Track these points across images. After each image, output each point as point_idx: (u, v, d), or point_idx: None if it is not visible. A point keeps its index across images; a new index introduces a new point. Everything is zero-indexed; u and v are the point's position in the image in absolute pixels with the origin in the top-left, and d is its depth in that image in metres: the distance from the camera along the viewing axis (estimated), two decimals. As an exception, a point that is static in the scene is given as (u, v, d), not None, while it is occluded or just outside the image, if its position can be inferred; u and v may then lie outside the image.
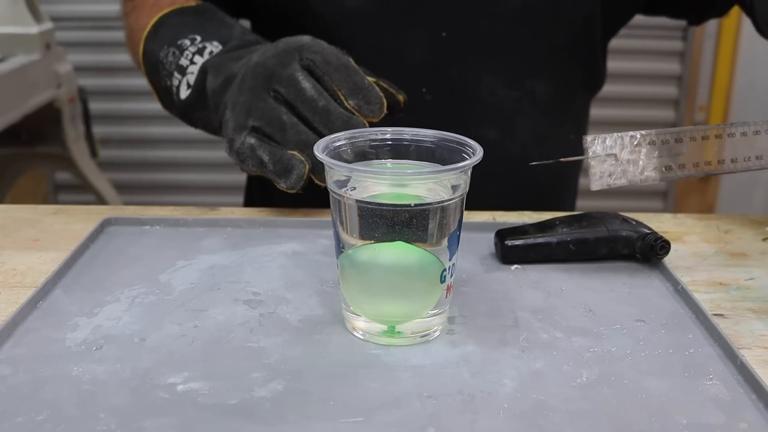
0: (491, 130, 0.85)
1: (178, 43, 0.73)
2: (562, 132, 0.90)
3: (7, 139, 1.77)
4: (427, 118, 0.83)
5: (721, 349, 0.51)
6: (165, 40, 0.75)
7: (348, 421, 0.44)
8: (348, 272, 0.51)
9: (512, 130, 0.86)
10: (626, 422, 0.44)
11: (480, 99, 0.84)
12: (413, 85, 0.83)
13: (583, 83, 0.91)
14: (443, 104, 0.84)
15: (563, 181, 0.95)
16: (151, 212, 0.73)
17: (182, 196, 2.42)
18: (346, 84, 0.64)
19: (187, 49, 0.72)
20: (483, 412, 0.45)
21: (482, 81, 0.84)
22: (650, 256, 0.63)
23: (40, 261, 0.64)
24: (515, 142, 0.86)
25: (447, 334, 0.53)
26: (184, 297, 0.57)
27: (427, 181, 0.50)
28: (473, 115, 0.84)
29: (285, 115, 0.64)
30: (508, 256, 0.64)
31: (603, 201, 2.30)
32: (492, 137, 0.85)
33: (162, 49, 0.75)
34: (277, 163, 0.63)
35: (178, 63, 0.73)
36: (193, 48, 0.72)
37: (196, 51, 0.72)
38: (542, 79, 0.85)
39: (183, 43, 0.73)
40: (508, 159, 0.85)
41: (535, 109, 0.86)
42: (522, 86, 0.85)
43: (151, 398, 0.45)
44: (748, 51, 2.28)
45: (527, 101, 0.85)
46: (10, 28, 1.75)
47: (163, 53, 0.74)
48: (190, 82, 0.72)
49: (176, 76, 0.73)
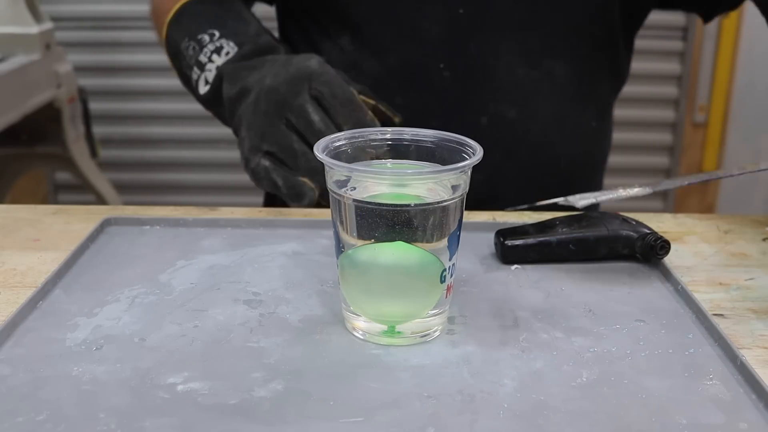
0: (510, 109, 0.85)
1: (198, 38, 0.79)
2: (583, 117, 0.90)
3: (7, 139, 1.77)
4: (445, 94, 0.83)
5: (721, 349, 0.51)
6: (186, 31, 0.81)
7: (348, 421, 0.44)
8: (348, 272, 0.51)
9: (532, 111, 0.86)
10: (626, 422, 0.44)
11: (498, 77, 0.84)
12: (431, 60, 0.83)
13: (603, 70, 0.91)
14: (461, 81, 0.84)
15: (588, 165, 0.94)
16: (151, 212, 0.73)
17: (182, 196, 2.42)
18: (350, 120, 0.70)
19: (206, 46, 0.78)
20: (483, 412, 0.45)
21: (500, 59, 0.84)
22: (650, 256, 0.63)
23: (40, 261, 0.64)
24: (535, 123, 0.86)
25: (447, 334, 0.53)
26: (184, 297, 0.57)
27: (427, 181, 0.50)
28: (491, 93, 0.85)
29: (296, 143, 0.70)
30: (508, 256, 0.64)
31: (603, 201, 2.30)
32: (511, 116, 0.85)
33: (183, 40, 0.81)
34: (290, 188, 0.70)
35: (198, 59, 0.79)
36: (211, 46, 0.78)
37: (213, 50, 0.78)
38: (561, 60, 0.85)
39: (202, 38, 0.79)
40: (528, 139, 0.85)
41: (554, 90, 0.86)
42: (540, 66, 0.85)
43: (151, 398, 0.45)
44: (748, 51, 2.28)
45: (546, 82, 0.85)
46: (10, 28, 1.75)
47: (184, 45, 0.80)
48: (208, 80, 0.78)
49: (196, 70, 0.79)
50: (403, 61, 0.84)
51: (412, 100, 0.84)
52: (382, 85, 0.83)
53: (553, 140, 0.88)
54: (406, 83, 0.85)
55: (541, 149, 0.86)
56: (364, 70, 0.85)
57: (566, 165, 0.90)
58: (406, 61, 0.84)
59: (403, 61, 0.84)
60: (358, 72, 0.84)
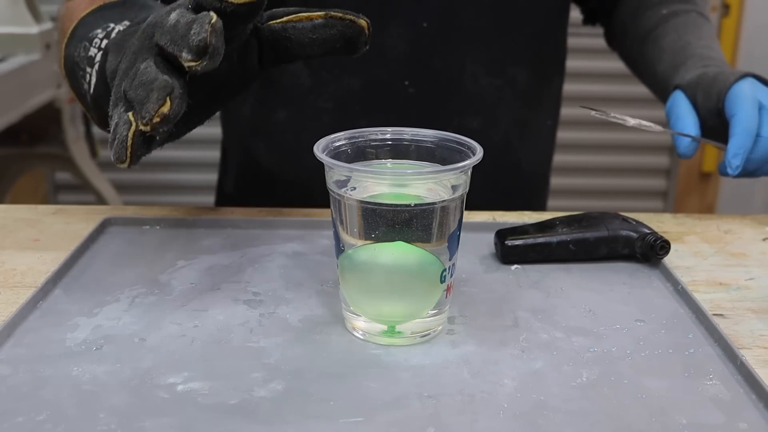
0: (474, 120, 0.85)
1: (89, 35, 0.62)
2: (539, 118, 0.91)
3: (7, 139, 1.77)
4: (410, 110, 0.82)
5: (721, 349, 0.51)
6: (80, 38, 0.64)
7: (348, 421, 0.44)
8: (348, 272, 0.51)
9: (494, 119, 0.86)
10: (626, 422, 0.44)
11: (463, 89, 0.84)
12: (396, 78, 0.82)
13: (556, 67, 0.92)
14: (426, 96, 0.84)
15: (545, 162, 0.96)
16: (151, 212, 0.73)
17: (182, 196, 2.41)
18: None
19: (97, 37, 0.61)
20: (483, 412, 0.45)
21: (465, 70, 0.84)
22: (650, 256, 0.63)
23: (40, 261, 0.63)
24: (497, 130, 0.87)
25: (447, 334, 0.53)
26: (184, 297, 0.57)
27: (427, 181, 0.50)
28: (456, 106, 0.85)
29: (143, 62, 0.50)
30: (508, 256, 0.64)
31: (603, 201, 2.31)
32: (475, 126, 0.85)
33: (76, 48, 0.63)
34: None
35: (88, 55, 0.61)
36: (102, 34, 0.61)
37: (104, 36, 0.60)
38: (522, 66, 0.86)
39: (94, 32, 0.62)
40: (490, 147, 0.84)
41: (515, 96, 0.87)
42: (504, 74, 0.85)
43: (151, 398, 0.45)
44: (748, 51, 2.28)
45: (508, 89, 0.86)
46: (10, 28, 1.75)
47: (77, 52, 0.63)
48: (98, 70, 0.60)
49: (87, 70, 0.61)
50: (366, 81, 0.82)
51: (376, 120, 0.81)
52: (344, 108, 0.82)
53: (514, 144, 0.89)
54: (370, 104, 0.83)
55: (503, 154, 0.87)
56: (324, 94, 0.83)
57: (527, 166, 0.91)
58: (370, 82, 0.82)
59: (366, 81, 0.82)
60: (317, 96, 0.82)
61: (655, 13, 0.87)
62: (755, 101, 0.72)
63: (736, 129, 0.71)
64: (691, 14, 0.86)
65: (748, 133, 0.71)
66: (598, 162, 2.34)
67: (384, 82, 0.78)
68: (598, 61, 2.06)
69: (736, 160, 0.71)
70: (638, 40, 0.89)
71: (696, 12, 0.86)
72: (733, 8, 2.22)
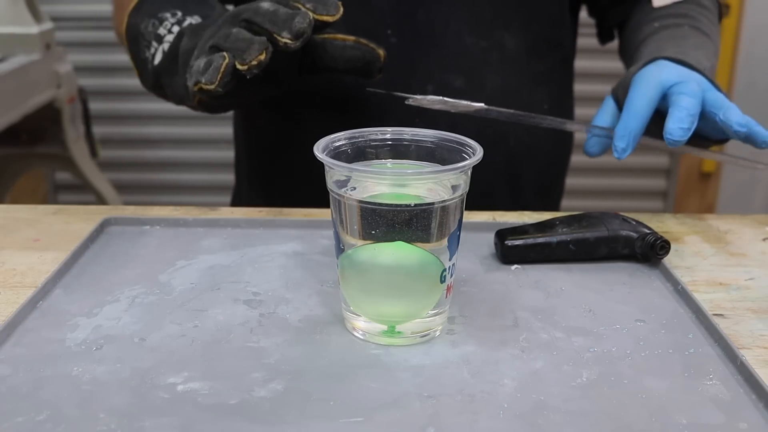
0: (457, 78, 0.84)
1: (159, 15, 0.75)
2: (534, 96, 0.89)
3: (7, 139, 1.77)
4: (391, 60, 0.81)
5: (721, 349, 0.51)
6: (147, 13, 0.76)
7: (348, 421, 0.44)
8: (348, 272, 0.51)
9: (479, 81, 0.85)
10: (626, 422, 0.44)
11: (446, 45, 0.84)
12: (378, 26, 0.82)
13: (554, 53, 0.91)
14: (408, 47, 0.83)
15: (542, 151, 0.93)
16: (151, 212, 0.73)
17: (182, 196, 2.41)
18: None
19: (167, 20, 0.74)
20: (483, 412, 0.45)
21: (449, 26, 0.83)
22: (650, 256, 0.63)
23: (40, 261, 0.64)
24: (481, 94, 0.85)
25: (447, 334, 0.53)
26: (184, 297, 0.57)
27: (427, 181, 0.50)
28: (439, 61, 0.84)
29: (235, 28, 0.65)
30: (508, 256, 0.64)
31: (603, 201, 2.31)
32: (457, 85, 0.84)
33: (143, 21, 0.76)
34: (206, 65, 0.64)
35: (157, 32, 0.74)
36: (173, 20, 0.74)
37: (175, 22, 0.73)
38: (510, 31, 0.85)
39: (164, 15, 0.74)
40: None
41: (504, 63, 0.85)
42: (491, 36, 0.84)
43: (151, 398, 0.45)
44: (748, 51, 2.27)
45: (495, 52, 0.85)
46: (10, 28, 1.75)
47: (143, 25, 0.76)
48: (165, 49, 0.73)
49: (153, 44, 0.74)
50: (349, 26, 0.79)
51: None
52: None
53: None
54: None
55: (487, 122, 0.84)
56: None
57: (515, 143, 0.88)
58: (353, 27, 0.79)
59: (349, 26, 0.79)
60: None
61: (648, 27, 0.87)
62: (654, 81, 0.69)
63: (624, 111, 0.69)
64: (682, 27, 0.85)
65: (635, 114, 0.68)
66: (598, 162, 2.32)
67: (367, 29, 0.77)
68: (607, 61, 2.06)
69: (621, 143, 0.68)
70: (629, 52, 0.88)
71: (689, 26, 0.85)
72: (733, 8, 2.21)
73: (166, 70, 0.73)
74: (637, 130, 0.68)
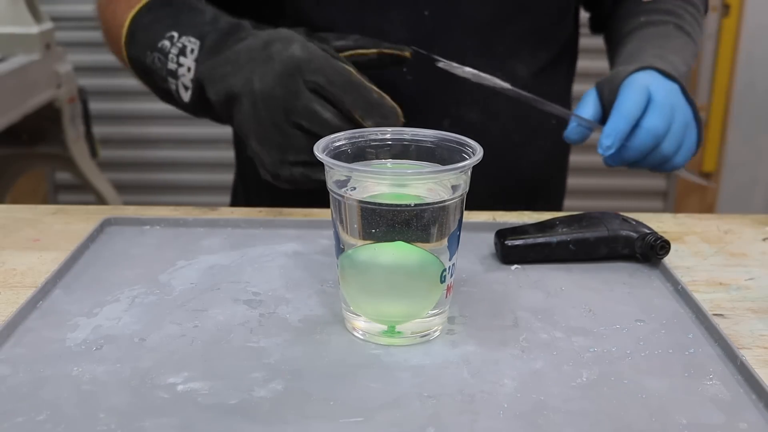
0: (471, 111, 0.85)
1: (158, 47, 0.74)
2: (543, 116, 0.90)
3: (7, 139, 1.77)
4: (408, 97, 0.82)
5: (721, 349, 0.51)
6: (145, 44, 0.76)
7: (348, 421, 0.44)
8: (348, 272, 0.51)
9: (493, 112, 0.86)
10: (626, 422, 0.44)
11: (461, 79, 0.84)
12: None
13: (561, 67, 0.92)
14: (424, 84, 0.84)
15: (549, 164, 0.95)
16: (151, 212, 0.73)
17: (182, 196, 2.41)
18: (359, 104, 0.66)
19: (170, 51, 0.74)
20: (483, 412, 0.45)
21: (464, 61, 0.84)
22: (650, 256, 0.63)
23: (40, 261, 0.63)
24: (496, 124, 0.87)
25: (447, 334, 0.53)
26: (184, 297, 0.57)
27: (427, 181, 0.50)
28: (454, 96, 0.85)
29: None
30: (508, 256, 0.64)
31: (603, 201, 2.31)
32: (473, 118, 0.85)
33: (146, 55, 0.76)
34: None
35: (168, 68, 0.74)
36: (174, 50, 0.73)
37: (177, 53, 0.73)
38: (523, 61, 0.86)
39: (163, 45, 0.74)
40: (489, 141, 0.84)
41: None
42: (503, 66, 0.85)
43: (151, 398, 0.45)
44: (748, 51, 2.27)
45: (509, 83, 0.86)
46: (10, 28, 1.75)
47: (149, 60, 0.76)
48: (186, 85, 0.73)
49: (171, 81, 0.75)
50: None
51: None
52: None
53: (514, 140, 0.88)
54: None
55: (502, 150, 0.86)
56: None
57: (527, 165, 0.91)
58: None
59: None
60: None
61: (634, 21, 0.88)
62: (644, 90, 0.73)
63: (614, 111, 0.72)
64: (668, 25, 0.86)
65: (624, 117, 0.71)
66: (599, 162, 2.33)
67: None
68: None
69: (607, 141, 0.71)
70: (613, 44, 0.90)
71: (674, 24, 0.86)
72: (733, 8, 2.21)
73: (199, 107, 0.74)
74: (624, 132, 0.71)
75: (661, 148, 0.74)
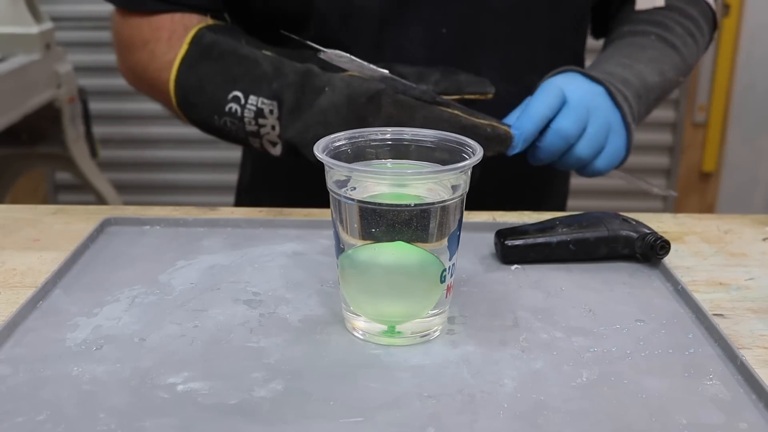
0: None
1: (226, 111, 0.73)
2: None
3: (7, 139, 1.77)
4: None
5: (721, 349, 0.51)
6: (208, 109, 0.75)
7: (348, 421, 0.44)
8: (348, 272, 0.51)
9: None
10: (626, 422, 0.44)
11: None
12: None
13: None
14: None
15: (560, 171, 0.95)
16: (151, 212, 0.73)
17: (182, 196, 2.42)
18: None
19: (243, 116, 0.72)
20: (483, 412, 0.45)
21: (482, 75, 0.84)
22: (650, 256, 0.63)
23: (40, 261, 0.64)
24: None
25: (447, 334, 0.53)
26: (184, 297, 0.57)
27: (427, 181, 0.50)
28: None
29: None
30: (508, 256, 0.64)
31: (603, 201, 2.31)
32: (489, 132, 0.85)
33: (213, 119, 0.75)
34: None
35: (247, 131, 0.73)
36: (248, 113, 0.72)
37: (254, 116, 0.72)
38: (539, 74, 0.86)
39: (232, 109, 0.73)
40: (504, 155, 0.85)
41: None
42: (520, 81, 0.85)
43: (151, 398, 0.45)
44: (748, 51, 2.28)
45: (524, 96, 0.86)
46: (10, 28, 1.75)
47: (218, 123, 0.75)
48: (272, 141, 0.73)
49: (253, 140, 0.74)
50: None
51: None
52: None
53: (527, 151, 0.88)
54: None
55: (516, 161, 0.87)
56: None
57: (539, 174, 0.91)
58: None
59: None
60: None
61: (619, 30, 0.89)
62: (557, 91, 0.73)
63: (523, 112, 0.73)
64: (648, 36, 0.86)
65: (531, 118, 0.72)
66: (598, 162, 2.34)
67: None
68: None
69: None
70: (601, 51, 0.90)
71: (657, 35, 0.86)
72: (733, 8, 2.22)
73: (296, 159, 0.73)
74: (530, 132, 0.73)
75: (575, 150, 0.75)
